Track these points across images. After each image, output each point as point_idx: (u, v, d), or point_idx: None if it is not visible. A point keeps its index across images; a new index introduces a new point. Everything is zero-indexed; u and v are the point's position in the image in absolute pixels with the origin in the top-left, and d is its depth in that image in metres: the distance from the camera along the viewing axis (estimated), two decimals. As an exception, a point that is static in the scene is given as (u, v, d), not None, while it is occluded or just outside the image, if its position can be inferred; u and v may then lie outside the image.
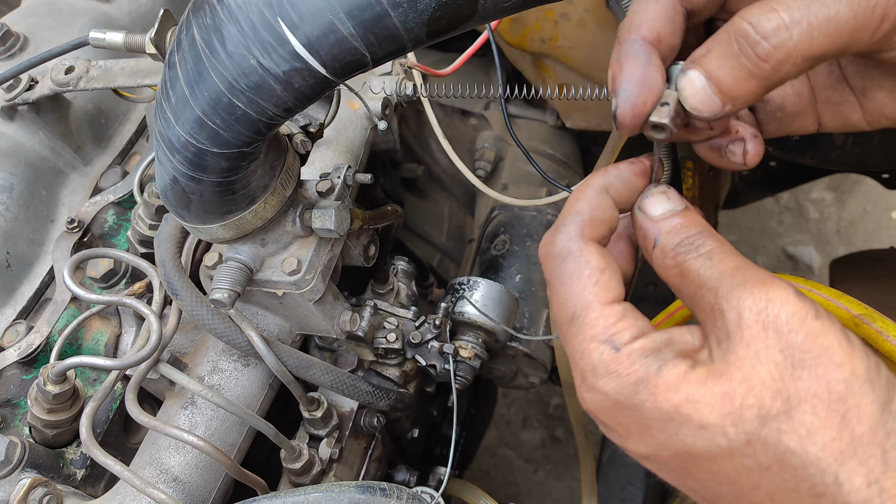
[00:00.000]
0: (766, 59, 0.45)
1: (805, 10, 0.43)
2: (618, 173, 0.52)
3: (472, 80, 1.55)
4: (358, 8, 0.55)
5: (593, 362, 0.47)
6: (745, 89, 0.46)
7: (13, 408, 0.89)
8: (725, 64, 0.46)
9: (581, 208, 0.51)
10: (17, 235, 1.00)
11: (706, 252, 0.48)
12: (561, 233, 0.51)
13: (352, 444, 1.00)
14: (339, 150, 1.04)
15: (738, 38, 0.45)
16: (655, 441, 0.46)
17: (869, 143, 0.88)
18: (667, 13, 0.50)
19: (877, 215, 2.74)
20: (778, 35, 0.44)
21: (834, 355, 0.42)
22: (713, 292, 0.46)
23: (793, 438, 0.42)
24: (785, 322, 0.43)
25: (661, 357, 0.46)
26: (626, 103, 0.49)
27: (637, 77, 0.49)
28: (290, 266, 0.81)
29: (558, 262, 0.50)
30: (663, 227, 0.50)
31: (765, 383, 0.43)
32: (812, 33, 0.43)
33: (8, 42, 1.09)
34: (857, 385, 0.42)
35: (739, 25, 0.45)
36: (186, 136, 0.63)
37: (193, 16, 0.60)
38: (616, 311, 0.48)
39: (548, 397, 2.49)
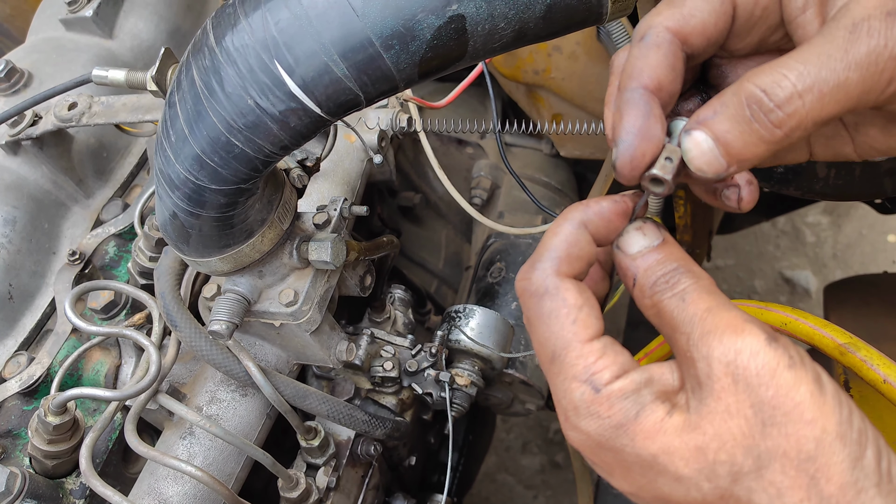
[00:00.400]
0: (779, 125, 0.44)
1: (816, 76, 0.43)
2: (598, 209, 0.51)
3: (468, 111, 1.58)
4: (351, 50, 0.57)
5: (575, 402, 0.47)
6: (755, 153, 0.46)
7: (14, 438, 0.90)
8: (736, 128, 0.45)
9: (557, 244, 0.51)
10: (19, 267, 1.01)
11: (679, 292, 0.47)
12: (537, 269, 0.50)
13: (349, 473, 1.01)
14: (336, 182, 1.06)
15: (749, 105, 0.45)
16: (637, 483, 0.47)
17: (851, 176, 0.90)
18: (668, 60, 0.50)
19: (873, 238, 2.75)
20: (791, 104, 0.44)
21: (804, 412, 0.42)
22: (685, 337, 0.46)
23: (762, 497, 0.42)
24: (755, 375, 0.43)
25: (640, 400, 0.46)
26: (625, 155, 0.49)
27: (637, 128, 0.49)
28: (287, 297, 0.82)
29: (535, 300, 0.50)
30: (640, 264, 0.50)
31: (736, 439, 0.43)
32: (823, 100, 0.43)
33: (13, 78, 1.12)
34: (827, 442, 0.41)
35: (752, 91, 0.45)
36: (185, 174, 0.65)
37: (193, 57, 0.62)
38: (595, 348, 0.48)
39: (547, 422, 2.49)
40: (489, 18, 0.57)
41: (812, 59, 0.43)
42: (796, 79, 0.43)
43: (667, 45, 0.50)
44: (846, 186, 0.92)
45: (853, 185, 0.92)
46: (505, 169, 1.58)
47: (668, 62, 0.50)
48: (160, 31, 1.25)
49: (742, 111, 0.45)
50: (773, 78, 0.44)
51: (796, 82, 0.43)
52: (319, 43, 0.57)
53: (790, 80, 0.43)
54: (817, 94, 0.43)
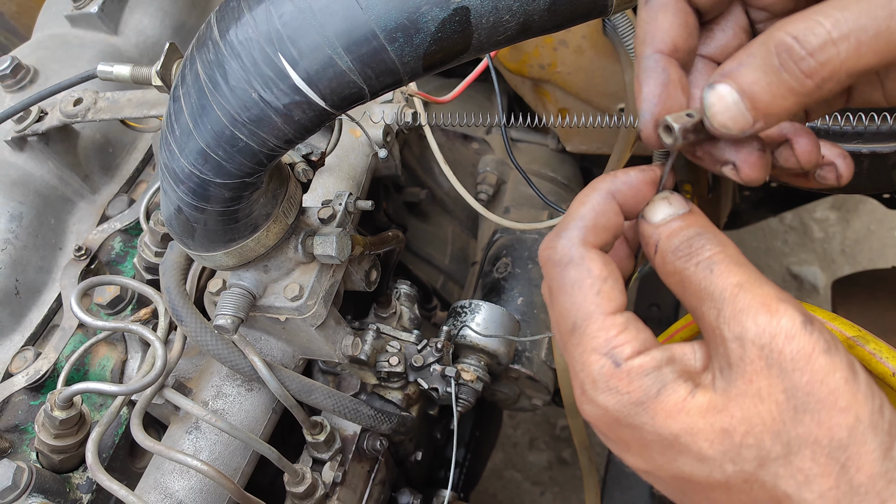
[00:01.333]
0: (810, 75, 0.41)
1: (854, 24, 0.40)
2: (626, 179, 0.50)
3: (474, 106, 1.58)
4: (355, 43, 0.56)
5: (593, 375, 0.46)
6: (783, 106, 0.43)
7: (21, 433, 0.90)
8: (763, 79, 0.42)
9: (585, 213, 0.49)
10: (26, 263, 1.02)
11: (706, 259, 0.45)
12: (563, 238, 0.49)
13: (355, 468, 1.01)
14: (342, 177, 1.06)
15: (780, 52, 0.41)
16: (654, 462, 0.46)
17: (858, 169, 0.90)
18: (678, 19, 0.48)
19: (881, 234, 2.74)
20: (825, 51, 0.40)
21: (839, 399, 0.41)
22: (715, 312, 0.44)
23: (790, 484, 0.41)
24: (790, 359, 0.41)
25: (661, 378, 0.45)
26: (647, 122, 0.48)
27: (656, 96, 0.48)
28: (293, 292, 0.82)
29: (559, 270, 0.48)
30: (664, 231, 0.48)
31: (765, 424, 0.42)
32: (860, 49, 0.40)
33: (18, 75, 1.12)
34: (859, 431, 0.40)
35: (782, 39, 0.41)
36: (190, 168, 0.65)
37: (197, 51, 0.62)
38: (618, 322, 0.46)
39: (554, 419, 2.48)
40: (493, 11, 0.56)
41: (852, 6, 0.40)
42: (832, 25, 0.40)
43: (673, 4, 0.48)
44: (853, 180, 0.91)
45: (860, 179, 0.91)
46: (511, 164, 1.57)
47: (678, 21, 0.48)
48: (165, 27, 1.25)
49: (771, 60, 0.42)
50: (806, 25, 0.41)
51: (832, 29, 0.40)
52: (323, 36, 0.56)
53: (825, 27, 0.40)
54: (854, 43, 0.40)
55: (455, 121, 1.04)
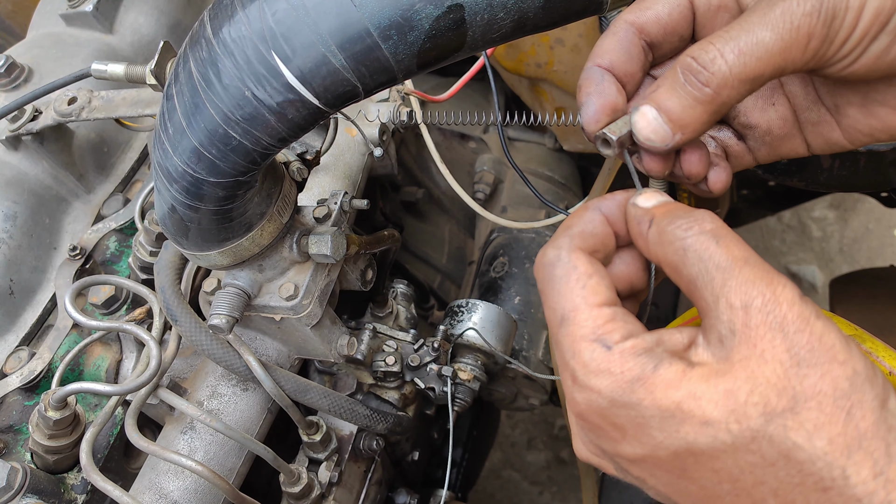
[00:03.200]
0: (707, 83, 0.50)
1: (736, 40, 0.49)
2: (612, 199, 0.55)
3: (471, 105, 1.58)
4: (349, 41, 0.56)
5: (584, 360, 0.47)
6: (693, 116, 0.51)
7: (15, 433, 0.90)
8: (673, 95, 0.51)
9: (572, 223, 0.54)
10: (20, 263, 1.01)
11: (710, 231, 0.48)
12: (551, 245, 0.53)
13: (351, 468, 1.01)
14: (338, 176, 1.05)
15: (682, 71, 0.51)
16: (653, 440, 0.46)
17: (855, 166, 0.90)
18: (622, 45, 0.57)
19: (880, 233, 2.74)
20: (715, 63, 0.50)
21: (837, 353, 0.43)
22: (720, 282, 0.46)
23: (800, 434, 0.43)
24: (791, 322, 0.44)
25: (656, 356, 0.46)
26: (586, 115, 0.56)
27: (593, 91, 0.56)
28: (288, 291, 0.82)
29: (548, 269, 0.52)
30: (658, 210, 0.51)
31: (770, 381, 0.43)
32: (744, 58, 0.49)
33: (13, 74, 1.12)
34: (859, 382, 0.43)
35: (683, 60, 0.51)
36: (184, 167, 0.64)
37: (190, 49, 0.62)
38: (605, 313, 0.49)
39: (552, 418, 2.48)
40: (488, 8, 0.56)
41: (734, 27, 0.50)
42: (719, 43, 0.50)
43: (622, 33, 0.57)
44: (850, 178, 0.91)
45: (858, 177, 0.91)
46: (508, 163, 1.57)
47: (621, 46, 0.57)
48: (160, 26, 1.25)
49: (677, 78, 0.51)
50: (700, 46, 0.51)
51: (719, 46, 0.49)
52: (317, 34, 0.56)
53: (714, 45, 0.50)
54: (737, 53, 0.49)
55: (452, 119, 1.04)
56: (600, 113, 0.56)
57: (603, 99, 0.56)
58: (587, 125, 0.56)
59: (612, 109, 0.56)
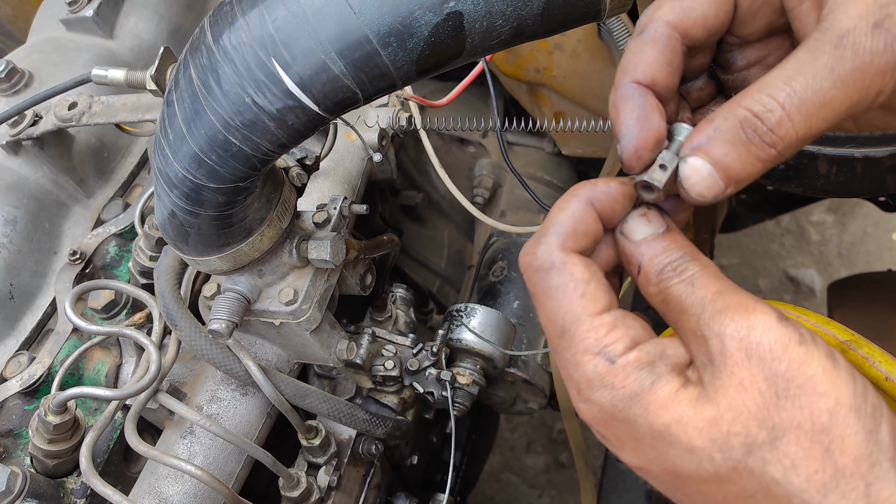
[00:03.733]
0: (773, 146, 0.46)
1: (802, 97, 0.45)
2: (606, 189, 0.51)
3: (470, 110, 1.58)
4: (349, 48, 0.57)
5: (588, 375, 0.47)
6: (751, 173, 0.48)
7: (15, 438, 0.90)
8: (734, 151, 0.47)
9: (564, 219, 0.50)
10: (20, 267, 1.01)
11: (688, 277, 0.48)
12: (542, 244, 0.50)
13: (350, 472, 1.01)
14: (337, 181, 1.06)
15: (745, 129, 0.46)
16: (647, 455, 0.47)
17: (852, 172, 0.90)
18: (664, 56, 0.50)
19: (878, 237, 2.74)
20: (782, 127, 0.46)
21: (817, 384, 0.42)
22: (695, 318, 0.46)
23: (777, 469, 0.42)
24: (768, 349, 0.43)
25: (655, 371, 0.46)
26: (629, 148, 0.50)
27: (635, 120, 0.49)
28: (287, 296, 0.82)
29: (542, 276, 0.50)
30: (646, 252, 0.50)
31: (750, 411, 0.43)
32: (810, 120, 0.45)
33: (13, 79, 1.12)
34: (841, 415, 0.42)
35: (746, 116, 0.46)
36: (184, 172, 0.65)
37: (191, 56, 0.62)
38: (606, 321, 0.48)
39: (551, 422, 2.48)
40: (487, 15, 0.56)
41: (798, 79, 0.45)
42: (785, 100, 0.45)
43: (664, 40, 0.50)
44: (847, 183, 0.92)
45: (855, 182, 0.91)
46: (507, 168, 1.58)
47: (664, 58, 0.50)
48: (161, 31, 1.25)
49: (739, 135, 0.46)
50: (763, 103, 0.46)
51: (785, 103, 0.45)
52: (316, 40, 0.56)
53: (778, 102, 0.45)
54: (805, 115, 0.45)
55: (451, 125, 1.04)
56: (644, 149, 0.49)
57: (646, 130, 0.49)
58: (628, 161, 0.50)
59: (656, 143, 0.49)
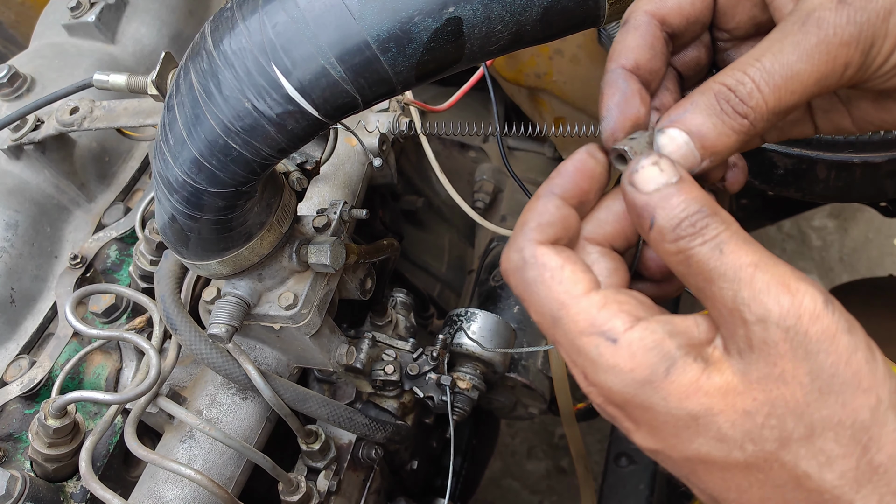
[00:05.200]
0: (745, 115, 0.48)
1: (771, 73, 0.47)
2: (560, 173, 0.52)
3: (471, 115, 1.59)
4: (348, 53, 0.57)
5: (591, 357, 0.45)
6: (726, 144, 0.49)
7: (15, 442, 0.90)
8: (709, 121, 0.48)
9: (528, 219, 0.50)
10: (21, 271, 1.02)
11: (713, 239, 0.44)
12: (512, 248, 0.50)
13: (350, 477, 1.01)
14: (337, 186, 1.06)
15: (720, 99, 0.48)
16: (666, 441, 0.45)
17: (851, 178, 0.90)
18: (645, 40, 0.53)
19: (879, 242, 2.74)
20: (752, 97, 0.48)
21: (862, 380, 0.41)
22: (731, 293, 0.43)
23: (811, 464, 0.42)
24: (815, 341, 0.41)
25: (667, 355, 0.44)
26: (607, 129, 0.52)
27: (615, 103, 0.52)
28: (287, 301, 0.82)
29: (518, 275, 0.49)
30: (659, 203, 0.46)
31: (788, 406, 0.42)
32: (779, 93, 0.47)
33: (15, 84, 1.12)
34: (881, 412, 0.41)
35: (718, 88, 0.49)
36: (184, 177, 0.65)
37: (191, 61, 0.62)
38: (594, 300, 0.46)
39: (552, 427, 2.48)
40: (486, 21, 0.57)
41: (767, 56, 0.48)
42: (754, 74, 0.48)
43: (644, 27, 0.54)
44: (846, 188, 0.92)
45: (853, 187, 0.91)
46: (507, 172, 1.58)
47: (644, 42, 0.53)
48: (162, 36, 1.26)
49: (714, 105, 0.49)
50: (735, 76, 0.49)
51: (755, 77, 0.48)
52: (316, 46, 0.57)
53: (749, 76, 0.48)
54: (773, 87, 0.47)
55: (451, 130, 1.04)
56: (618, 129, 0.52)
57: (624, 113, 0.52)
58: (606, 142, 0.52)
59: (633, 125, 0.52)
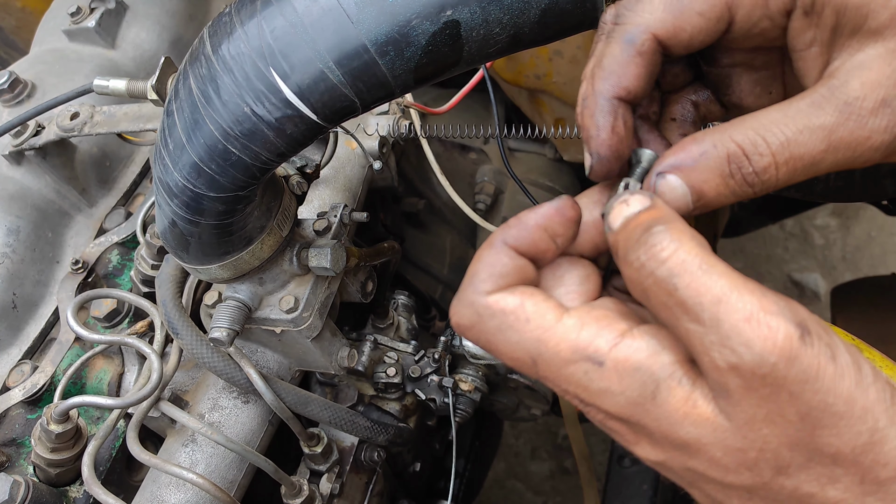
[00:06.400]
0: (752, 185, 0.47)
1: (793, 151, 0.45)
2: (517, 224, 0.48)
3: (471, 117, 1.58)
4: (347, 57, 0.57)
5: (582, 384, 0.44)
6: (721, 202, 0.48)
7: (18, 447, 0.90)
8: (712, 180, 0.47)
9: (476, 270, 0.47)
10: (23, 277, 1.02)
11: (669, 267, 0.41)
12: (462, 304, 0.47)
13: (353, 479, 1.01)
14: (338, 189, 1.06)
15: (731, 163, 0.46)
16: (665, 454, 0.45)
17: (851, 177, 0.90)
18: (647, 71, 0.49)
19: (882, 240, 2.74)
20: (767, 172, 0.46)
21: (854, 407, 0.39)
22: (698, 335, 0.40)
23: (813, 486, 0.41)
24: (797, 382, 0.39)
25: (654, 375, 0.42)
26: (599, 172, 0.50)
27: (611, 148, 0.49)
28: (288, 304, 0.82)
29: (477, 329, 0.46)
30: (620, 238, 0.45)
31: (781, 441, 0.41)
32: (795, 173, 0.46)
33: (16, 89, 1.12)
34: (879, 430, 0.40)
35: (735, 152, 0.46)
36: (184, 182, 0.65)
37: (190, 66, 0.62)
38: (570, 325, 0.44)
39: (556, 428, 2.48)
40: (484, 24, 0.57)
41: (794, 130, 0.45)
42: (777, 149, 0.46)
43: (650, 55, 0.49)
44: (847, 188, 0.92)
45: (854, 187, 0.91)
46: (508, 174, 1.57)
47: (646, 72, 0.49)
48: (162, 41, 1.26)
49: (723, 167, 0.47)
50: (755, 144, 0.46)
51: (776, 152, 0.46)
52: (314, 50, 0.57)
53: (771, 149, 0.46)
54: (791, 168, 0.46)
55: (451, 132, 1.04)
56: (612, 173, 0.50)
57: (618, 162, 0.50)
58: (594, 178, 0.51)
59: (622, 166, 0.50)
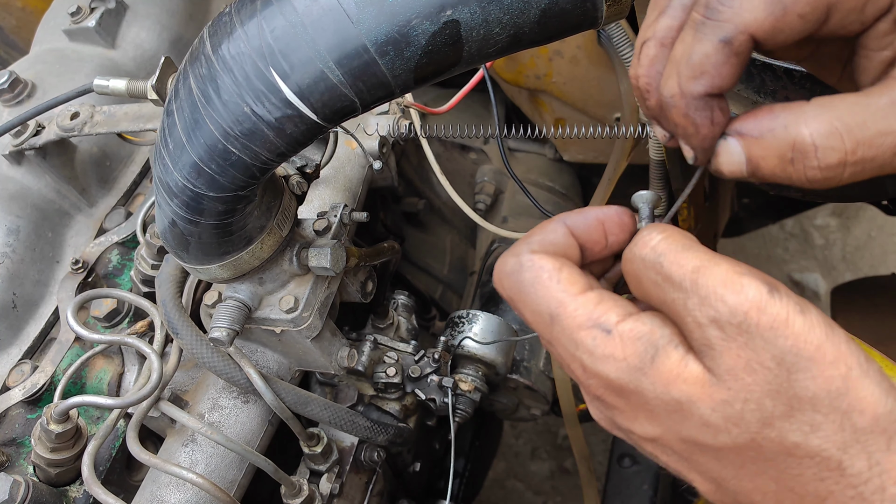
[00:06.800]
0: (809, 180, 0.47)
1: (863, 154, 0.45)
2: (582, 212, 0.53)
3: (471, 116, 1.58)
4: (347, 57, 0.57)
5: (588, 348, 0.47)
6: (771, 178, 0.48)
7: (18, 447, 0.90)
8: (772, 160, 0.47)
9: (532, 233, 0.52)
10: (23, 276, 1.02)
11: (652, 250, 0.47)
12: (510, 254, 0.51)
13: (353, 479, 1.01)
14: (338, 189, 1.06)
15: (796, 150, 0.46)
16: (662, 425, 0.47)
17: (851, 177, 0.89)
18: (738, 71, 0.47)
19: (882, 241, 2.73)
20: (832, 170, 0.45)
21: (826, 353, 0.43)
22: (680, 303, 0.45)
23: (797, 434, 0.43)
24: (769, 328, 0.43)
25: (654, 342, 0.46)
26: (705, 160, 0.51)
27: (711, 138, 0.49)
28: (288, 304, 0.82)
29: (514, 278, 0.50)
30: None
31: (762, 389, 0.43)
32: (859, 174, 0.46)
33: (16, 89, 1.12)
34: (853, 378, 0.42)
35: (804, 141, 0.45)
36: (184, 181, 0.65)
37: (190, 66, 0.62)
38: (591, 297, 0.48)
39: (556, 428, 2.47)
40: (484, 24, 0.57)
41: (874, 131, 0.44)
42: (851, 148, 0.44)
43: (745, 56, 0.47)
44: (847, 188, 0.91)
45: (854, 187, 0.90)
46: (508, 174, 1.57)
47: (739, 70, 0.48)
48: (162, 41, 1.26)
49: (786, 152, 0.46)
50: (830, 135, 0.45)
51: (848, 152, 0.45)
52: (314, 50, 0.57)
53: (845, 148, 0.45)
54: (860, 169, 0.45)
55: (451, 132, 1.04)
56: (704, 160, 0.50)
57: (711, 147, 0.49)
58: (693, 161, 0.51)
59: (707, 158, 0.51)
